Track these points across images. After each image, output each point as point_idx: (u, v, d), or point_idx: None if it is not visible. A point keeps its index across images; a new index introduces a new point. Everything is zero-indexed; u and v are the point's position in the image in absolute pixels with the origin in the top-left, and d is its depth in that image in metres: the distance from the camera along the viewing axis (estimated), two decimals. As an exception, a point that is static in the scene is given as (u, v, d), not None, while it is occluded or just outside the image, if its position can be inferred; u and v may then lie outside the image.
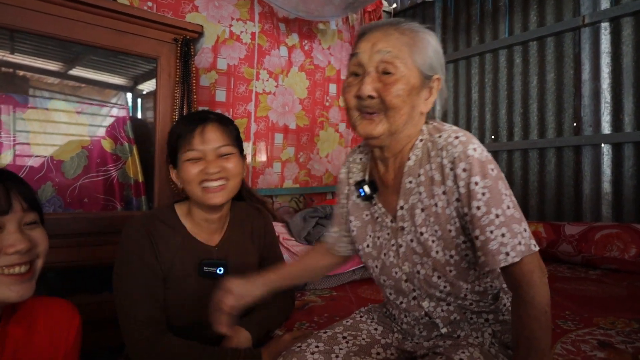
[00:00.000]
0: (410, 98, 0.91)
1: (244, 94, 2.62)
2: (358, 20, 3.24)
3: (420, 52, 0.92)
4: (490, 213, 0.84)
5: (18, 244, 0.82)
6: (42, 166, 1.59)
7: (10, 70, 1.73)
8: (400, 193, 0.99)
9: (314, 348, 1.02)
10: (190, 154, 1.14)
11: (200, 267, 1.20)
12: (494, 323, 1.00)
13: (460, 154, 0.87)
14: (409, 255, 0.99)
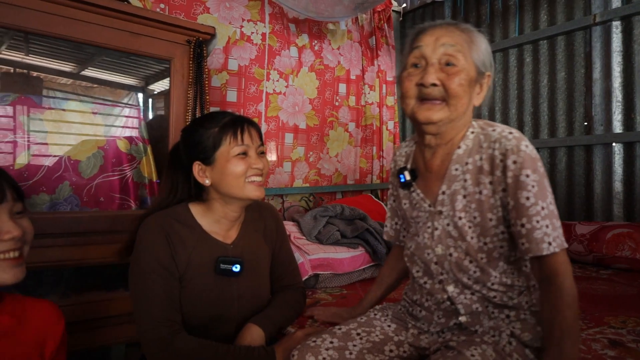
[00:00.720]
0: (469, 89, 1.00)
1: (254, 94, 2.64)
2: (367, 20, 3.25)
3: (477, 49, 1.01)
4: (537, 205, 0.92)
5: (13, 230, 0.86)
6: (60, 166, 1.63)
7: (25, 72, 1.77)
8: (445, 179, 1.05)
9: (329, 344, 1.04)
10: (239, 149, 1.17)
11: (217, 264, 1.21)
12: (514, 321, 1.01)
13: (514, 148, 0.95)
14: (443, 238, 1.04)
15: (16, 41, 1.67)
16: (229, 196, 1.20)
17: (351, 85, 3.14)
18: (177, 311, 1.14)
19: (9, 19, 1.40)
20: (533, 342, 0.98)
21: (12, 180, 0.91)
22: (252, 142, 1.21)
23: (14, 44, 1.68)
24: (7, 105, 1.58)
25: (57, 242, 1.50)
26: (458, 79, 0.97)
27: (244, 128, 1.20)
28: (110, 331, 1.62)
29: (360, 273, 2.00)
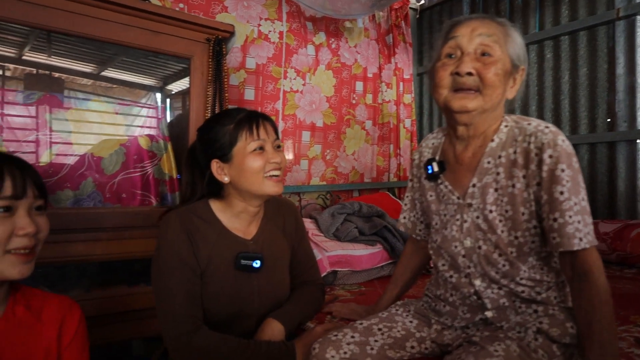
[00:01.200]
0: (504, 80, 1.00)
1: (272, 92, 2.65)
2: (384, 18, 3.24)
3: (512, 42, 1.01)
4: (571, 200, 0.91)
5: (27, 227, 0.88)
6: (83, 163, 1.66)
7: (47, 73, 1.82)
8: (476, 172, 1.04)
9: (350, 338, 1.03)
10: (255, 144, 1.18)
11: (237, 260, 1.21)
12: (542, 316, 1.00)
13: (550, 141, 0.94)
14: (472, 231, 1.04)
15: (39, 43, 1.71)
16: (248, 192, 1.21)
17: (368, 83, 3.13)
18: (199, 307, 1.15)
19: (35, 18, 1.43)
20: (561, 338, 0.96)
21: (37, 177, 0.92)
22: (268, 137, 1.21)
23: (37, 45, 1.72)
24: (33, 102, 1.62)
25: (81, 237, 1.53)
26: (494, 69, 0.97)
27: (259, 123, 1.21)
28: (132, 326, 1.65)
29: (379, 270, 2.00)
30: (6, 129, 1.60)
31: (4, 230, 0.85)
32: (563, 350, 0.96)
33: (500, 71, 0.98)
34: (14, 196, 0.86)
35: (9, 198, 0.85)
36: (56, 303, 0.99)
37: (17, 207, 0.87)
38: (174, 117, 2.12)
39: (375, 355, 1.02)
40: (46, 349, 0.94)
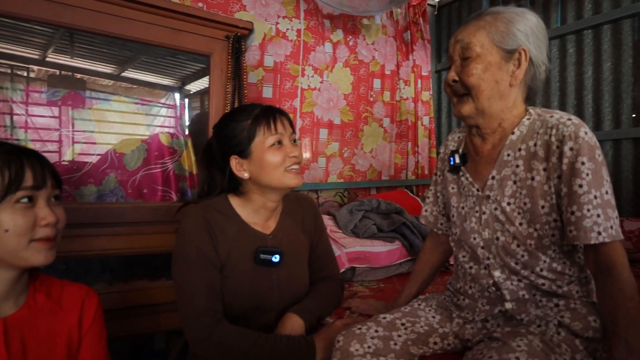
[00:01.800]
0: (487, 74, 0.98)
1: (289, 90, 2.66)
2: (402, 14, 3.22)
3: (498, 30, 0.98)
4: (590, 193, 0.89)
5: (49, 216, 0.90)
6: (106, 159, 1.69)
7: (69, 74, 1.86)
8: (496, 164, 1.04)
9: (374, 332, 1.03)
10: (273, 139, 1.19)
11: (257, 254, 1.22)
12: (564, 310, 0.98)
13: (571, 134, 0.92)
14: (490, 223, 1.03)
15: (62, 44, 1.75)
16: (269, 187, 1.21)
17: (386, 81, 3.12)
18: (219, 300, 1.16)
19: (60, 17, 1.46)
20: (584, 332, 0.94)
21: (52, 167, 0.95)
22: (285, 131, 1.22)
23: (60, 47, 1.76)
24: (57, 100, 1.66)
25: (104, 232, 1.55)
26: (469, 70, 0.99)
27: (276, 117, 1.21)
28: (153, 319, 1.67)
29: (397, 267, 1.99)
30: (32, 127, 1.64)
31: (27, 220, 0.87)
32: (586, 345, 0.95)
33: (477, 69, 0.98)
34: (34, 186, 0.88)
35: (30, 188, 0.88)
36: (75, 290, 1.01)
37: (37, 198, 0.90)
38: (193, 115, 2.14)
39: (398, 351, 1.02)
40: (68, 334, 0.97)
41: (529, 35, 0.99)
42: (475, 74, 0.98)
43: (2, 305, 0.89)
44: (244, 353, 1.09)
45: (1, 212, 0.85)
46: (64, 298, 0.98)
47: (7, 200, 0.85)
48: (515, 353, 0.87)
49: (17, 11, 1.39)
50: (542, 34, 1.01)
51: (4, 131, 1.62)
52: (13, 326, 0.89)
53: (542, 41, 1.01)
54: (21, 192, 0.86)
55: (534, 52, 0.99)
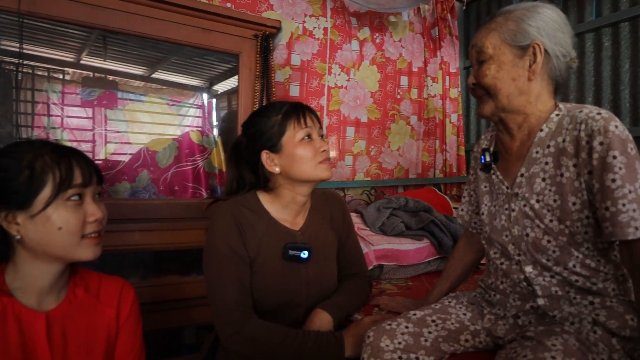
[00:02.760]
0: (502, 73, 0.99)
1: (316, 88, 2.67)
2: (430, 11, 3.18)
3: (509, 29, 0.99)
4: (624, 187, 0.87)
5: (97, 212, 0.93)
6: (139, 157, 1.74)
7: (103, 76, 1.93)
8: (525, 161, 1.03)
9: (404, 328, 1.03)
10: (303, 132, 1.21)
11: (285, 250, 1.23)
12: (599, 308, 0.95)
13: (600, 128, 0.90)
14: (520, 220, 1.02)
15: (96, 47, 1.81)
16: (300, 180, 1.22)
17: (413, 78, 3.09)
18: (249, 296, 1.17)
19: (95, 19, 1.51)
20: (620, 331, 0.91)
21: (95, 165, 0.98)
22: (314, 125, 1.24)
23: (94, 50, 1.82)
24: (93, 100, 1.72)
25: (137, 227, 1.60)
26: (482, 72, 1.02)
27: (305, 113, 1.24)
28: (184, 313, 1.71)
29: (426, 265, 1.97)
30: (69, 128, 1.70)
31: (78, 217, 0.90)
32: (623, 344, 0.91)
33: (490, 70, 1.01)
34: (83, 184, 0.91)
35: (80, 186, 0.91)
36: (112, 283, 1.04)
37: (85, 195, 0.93)
38: (222, 114, 2.18)
39: (429, 348, 1.01)
40: (106, 327, 1.00)
41: (542, 29, 0.98)
42: (489, 75, 1.01)
43: (45, 300, 0.93)
44: (273, 348, 1.10)
45: (54, 211, 0.88)
46: (102, 292, 1.01)
47: (59, 198, 0.88)
48: (551, 352, 0.84)
49: (55, 14, 1.45)
50: (559, 25, 1.00)
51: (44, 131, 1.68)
52: (55, 320, 0.92)
53: (561, 32, 1.00)
54: (72, 189, 0.89)
55: (549, 44, 0.98)
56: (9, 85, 1.63)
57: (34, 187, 0.87)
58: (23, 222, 0.87)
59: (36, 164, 0.88)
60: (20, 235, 0.88)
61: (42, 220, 0.87)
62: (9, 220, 0.88)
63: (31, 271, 0.90)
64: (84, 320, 0.97)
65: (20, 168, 0.87)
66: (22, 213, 0.87)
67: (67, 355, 0.93)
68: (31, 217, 0.87)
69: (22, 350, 0.88)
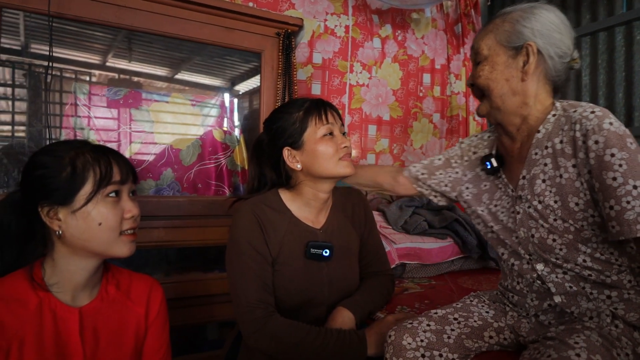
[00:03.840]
0: (495, 74, 1.01)
1: (338, 86, 2.66)
2: (453, 7, 3.13)
3: (504, 31, 1.01)
4: (628, 184, 0.84)
5: (133, 209, 0.95)
6: (164, 154, 1.77)
7: (127, 77, 1.97)
8: (525, 163, 1.02)
9: (426, 326, 1.02)
10: (325, 129, 1.21)
11: (307, 249, 1.23)
12: (617, 301, 0.93)
13: (595, 127, 0.89)
14: (525, 221, 1.02)
15: (121, 49, 1.85)
16: (321, 176, 1.22)
17: (436, 75, 3.05)
18: (271, 294, 1.17)
19: (121, 19, 1.54)
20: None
21: (130, 163, 1.00)
22: (335, 122, 1.24)
23: (119, 52, 1.87)
24: (120, 99, 1.75)
25: (161, 224, 1.62)
26: (477, 73, 1.05)
27: (327, 109, 1.23)
28: (206, 309, 1.73)
29: (449, 264, 1.94)
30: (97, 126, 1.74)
31: (116, 213, 0.92)
32: None
33: (484, 71, 1.03)
34: (121, 181, 0.94)
35: (118, 183, 0.93)
36: (141, 282, 1.06)
37: (122, 192, 0.95)
38: (245, 113, 2.20)
39: (452, 345, 0.99)
40: (136, 324, 1.01)
41: (537, 30, 0.98)
42: (483, 75, 1.03)
43: (79, 296, 0.95)
44: (295, 345, 1.10)
45: (94, 207, 0.90)
46: (133, 290, 1.04)
47: (99, 194, 0.90)
48: (575, 350, 0.82)
49: (83, 15, 1.48)
50: (556, 26, 0.99)
51: (72, 131, 1.73)
52: (87, 316, 0.95)
53: (557, 33, 0.99)
54: (111, 186, 0.92)
55: (543, 44, 0.98)
56: (39, 86, 1.68)
57: (76, 183, 0.89)
58: (64, 217, 0.90)
59: (77, 162, 0.90)
60: (62, 230, 0.90)
61: (83, 216, 0.90)
62: (50, 216, 0.90)
63: (68, 267, 0.93)
64: (115, 317, 0.99)
65: (62, 165, 0.90)
66: (64, 209, 0.90)
67: (98, 350, 0.95)
68: (72, 212, 0.89)
69: (56, 343, 0.90)
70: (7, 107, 1.67)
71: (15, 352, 0.86)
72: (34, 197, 0.90)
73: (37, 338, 0.88)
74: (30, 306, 0.89)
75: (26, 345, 0.87)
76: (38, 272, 0.92)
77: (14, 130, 1.69)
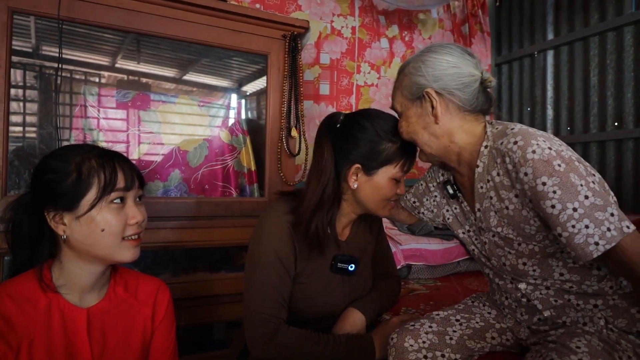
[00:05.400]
0: (413, 126, 1.04)
1: (346, 87, 2.67)
2: (460, 7, 3.13)
3: (405, 86, 1.04)
4: (567, 209, 0.81)
5: (137, 215, 0.96)
6: (171, 156, 1.79)
7: (136, 78, 1.99)
8: (476, 197, 1.03)
9: (428, 328, 1.02)
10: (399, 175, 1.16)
11: (335, 262, 1.21)
12: (604, 309, 0.93)
13: (520, 159, 0.87)
14: (493, 250, 1.02)
15: (130, 51, 1.87)
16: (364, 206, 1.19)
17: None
18: (286, 308, 1.14)
19: (129, 22, 1.56)
20: (632, 328, 0.88)
21: (137, 169, 1.01)
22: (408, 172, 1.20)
23: (127, 54, 1.89)
24: (128, 101, 1.77)
25: (168, 225, 1.64)
26: (400, 128, 1.08)
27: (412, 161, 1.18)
28: (213, 309, 1.74)
29: (455, 266, 1.94)
30: (106, 127, 1.76)
31: (119, 219, 0.93)
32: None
33: (404, 124, 1.06)
34: (125, 188, 0.95)
35: (122, 189, 0.94)
36: (149, 283, 1.07)
37: (127, 198, 0.96)
38: (251, 114, 2.21)
39: (454, 346, 1.00)
40: (143, 325, 1.03)
41: (430, 75, 1.00)
42: (404, 130, 1.07)
43: (87, 297, 0.97)
44: (305, 355, 1.09)
45: (98, 212, 0.91)
46: (140, 291, 1.05)
47: (103, 201, 0.91)
48: (577, 355, 0.83)
49: (92, 18, 1.50)
50: (450, 63, 0.99)
51: (81, 132, 1.75)
52: (95, 316, 0.96)
53: (453, 68, 0.98)
54: (115, 193, 0.93)
55: (439, 87, 0.99)
56: (49, 88, 1.70)
57: (81, 189, 0.90)
58: (69, 222, 0.91)
59: (83, 167, 0.91)
60: (66, 235, 0.92)
61: (86, 222, 0.91)
62: (56, 220, 0.92)
63: (75, 270, 0.94)
64: (123, 318, 1.00)
65: (68, 170, 0.91)
66: (69, 214, 0.91)
67: (105, 350, 0.97)
68: (77, 218, 0.91)
69: (65, 343, 0.92)
70: (18, 108, 1.69)
71: (25, 351, 0.88)
72: (42, 201, 0.92)
73: (46, 337, 0.90)
74: (39, 306, 0.90)
75: (36, 345, 0.89)
76: (47, 273, 0.94)
77: (25, 132, 1.72)
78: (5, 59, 1.38)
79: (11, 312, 0.88)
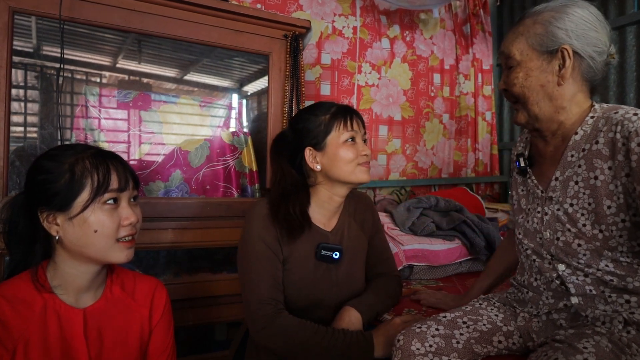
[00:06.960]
0: (530, 80, 0.97)
1: (347, 87, 2.67)
2: (461, 7, 3.12)
3: (536, 34, 0.96)
4: None
5: (131, 217, 0.95)
6: (172, 156, 1.78)
7: (137, 78, 1.99)
8: (559, 165, 1.00)
9: (435, 331, 1.01)
10: (348, 135, 1.23)
11: (318, 250, 1.25)
12: (635, 307, 0.91)
13: (638, 129, 0.86)
14: (552, 223, 1.00)
15: (131, 51, 1.87)
16: (338, 180, 1.24)
17: (445, 75, 3.04)
18: (281, 291, 1.20)
19: (131, 23, 1.56)
20: None
21: (132, 170, 1.00)
22: (359, 130, 1.26)
23: (129, 54, 1.88)
24: (129, 102, 1.77)
25: (170, 225, 1.63)
26: (511, 80, 1.00)
27: (352, 116, 1.25)
28: (214, 310, 1.74)
29: (457, 266, 1.93)
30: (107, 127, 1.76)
31: (113, 220, 0.93)
32: None
33: (518, 78, 0.98)
34: (119, 189, 0.94)
35: (116, 190, 0.93)
36: (146, 283, 1.07)
37: (120, 199, 0.95)
38: (252, 114, 2.21)
39: (461, 350, 0.99)
40: (140, 325, 1.02)
41: (571, 31, 0.94)
42: (518, 83, 0.99)
43: (83, 297, 0.96)
44: (302, 343, 1.11)
45: (91, 214, 0.90)
46: (137, 291, 1.04)
47: (96, 202, 0.91)
48: (583, 355, 0.82)
49: (94, 19, 1.50)
50: (592, 24, 0.95)
51: (82, 132, 1.75)
52: (92, 316, 0.96)
53: (594, 31, 0.95)
54: (108, 194, 0.92)
55: (580, 46, 0.94)
56: (50, 88, 1.70)
57: (74, 190, 0.90)
58: (62, 223, 0.91)
59: (76, 168, 0.91)
60: (59, 236, 0.91)
61: (79, 223, 0.90)
62: (49, 221, 0.91)
63: (69, 270, 0.94)
64: (119, 318, 1.00)
65: (62, 171, 0.90)
66: (62, 215, 0.90)
67: (102, 350, 0.96)
68: (70, 219, 0.90)
69: (62, 344, 0.92)
70: (19, 108, 1.69)
71: (21, 353, 0.87)
72: (35, 201, 0.92)
73: (42, 339, 0.89)
74: (35, 307, 0.90)
75: (32, 346, 0.88)
76: (42, 274, 0.93)
77: (26, 132, 1.72)
78: (7, 59, 1.38)
79: (6, 315, 0.87)
